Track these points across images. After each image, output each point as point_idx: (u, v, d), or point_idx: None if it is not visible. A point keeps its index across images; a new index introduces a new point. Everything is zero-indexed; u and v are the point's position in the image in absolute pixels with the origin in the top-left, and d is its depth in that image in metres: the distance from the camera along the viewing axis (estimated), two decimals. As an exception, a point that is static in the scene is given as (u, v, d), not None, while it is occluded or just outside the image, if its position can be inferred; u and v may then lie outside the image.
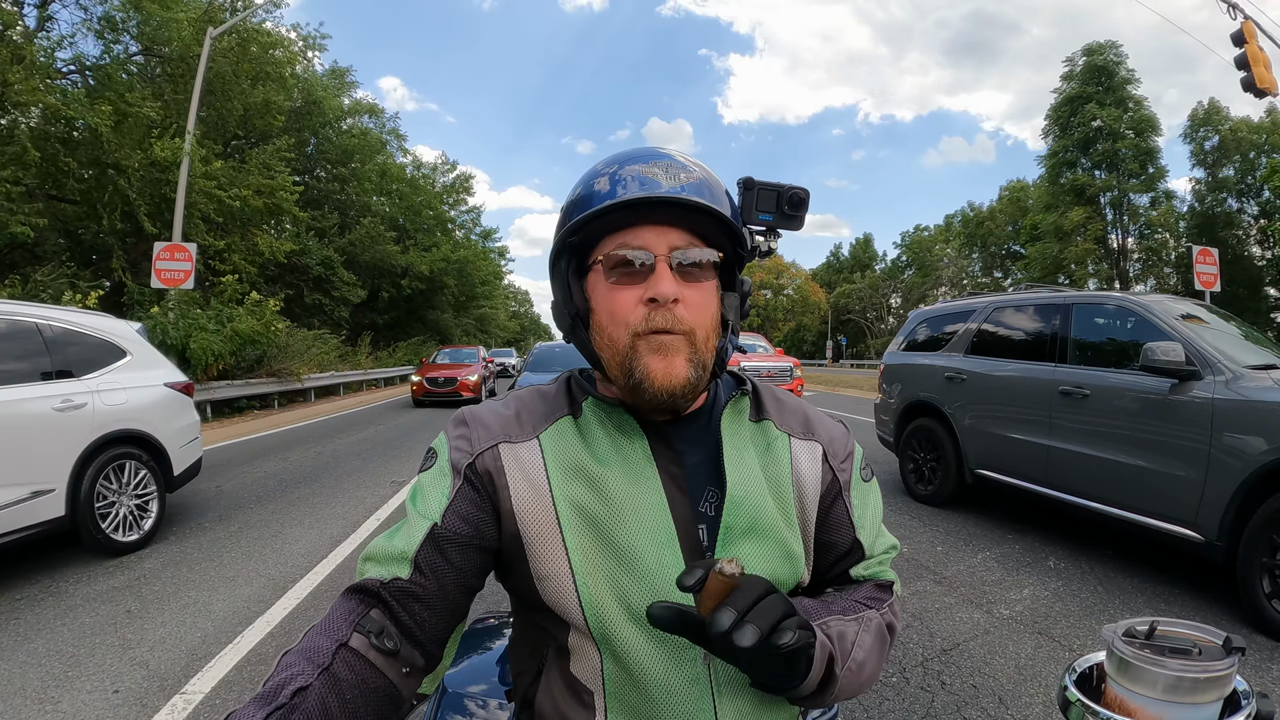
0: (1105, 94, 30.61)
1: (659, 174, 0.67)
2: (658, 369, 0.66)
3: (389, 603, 0.64)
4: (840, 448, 0.79)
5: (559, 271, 0.75)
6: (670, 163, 0.69)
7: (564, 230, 0.71)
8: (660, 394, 0.66)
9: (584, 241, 0.72)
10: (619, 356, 0.68)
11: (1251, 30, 9.04)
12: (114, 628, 2.97)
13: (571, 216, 0.70)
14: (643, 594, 0.65)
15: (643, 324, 0.66)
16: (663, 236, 0.68)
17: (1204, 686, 0.52)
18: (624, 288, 0.68)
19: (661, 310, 0.66)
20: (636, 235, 0.68)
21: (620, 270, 0.68)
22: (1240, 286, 27.68)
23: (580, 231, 0.70)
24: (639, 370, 0.66)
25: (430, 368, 14.87)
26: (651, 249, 0.67)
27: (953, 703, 2.35)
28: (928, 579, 3.64)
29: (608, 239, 0.70)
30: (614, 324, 0.68)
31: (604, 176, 0.69)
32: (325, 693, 0.57)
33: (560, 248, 0.73)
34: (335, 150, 23.14)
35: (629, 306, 0.67)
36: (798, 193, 0.82)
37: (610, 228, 0.69)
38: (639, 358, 0.66)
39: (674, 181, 0.67)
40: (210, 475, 6.44)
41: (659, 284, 0.66)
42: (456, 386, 13.90)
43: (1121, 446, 3.66)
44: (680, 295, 0.67)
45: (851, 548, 0.78)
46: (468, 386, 13.91)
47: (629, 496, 0.68)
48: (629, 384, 0.68)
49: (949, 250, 51.51)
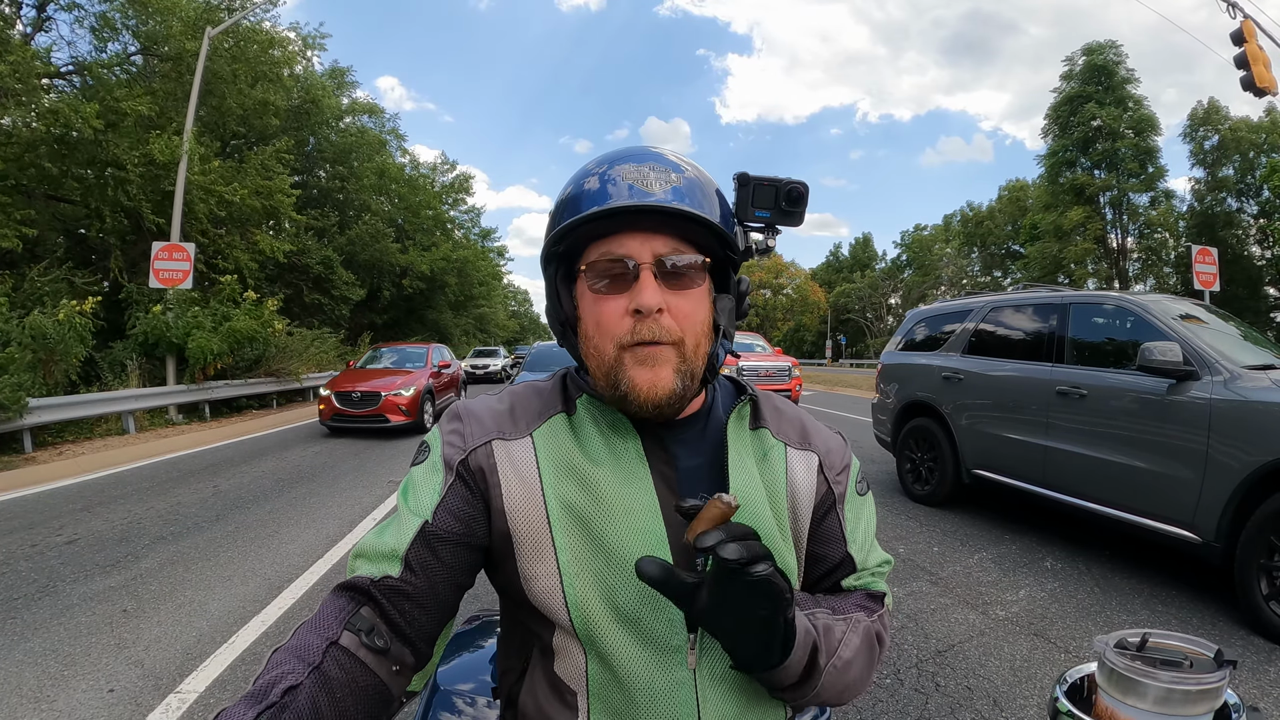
0: (1105, 93, 30.57)
1: (648, 176, 0.66)
2: (643, 381, 0.65)
3: (379, 601, 0.64)
4: (837, 459, 0.79)
5: (549, 276, 0.74)
6: (659, 163, 0.68)
7: (549, 238, 0.71)
8: (645, 405, 0.66)
9: (571, 247, 0.71)
10: (604, 368, 0.68)
11: (1251, 29, 9.03)
12: (110, 627, 2.97)
13: (560, 218, 0.69)
14: (631, 594, 0.64)
15: (628, 336, 0.66)
16: (647, 244, 0.66)
17: (1195, 699, 0.52)
18: (609, 297, 0.67)
19: (647, 321, 0.65)
20: (620, 243, 0.67)
21: (604, 280, 0.67)
22: (1239, 286, 27.67)
23: (565, 239, 0.69)
24: (624, 383, 0.66)
25: (349, 377, 9.94)
26: (636, 256, 0.66)
27: (947, 704, 2.35)
28: (924, 579, 3.64)
29: (593, 246, 0.69)
30: (600, 335, 0.68)
31: (594, 176, 0.68)
32: (316, 691, 0.57)
33: (549, 254, 0.72)
34: (334, 149, 23.12)
35: (615, 317, 0.66)
36: (796, 187, 0.80)
37: (596, 233, 0.68)
38: (624, 370, 0.66)
39: (663, 185, 0.66)
40: (208, 475, 6.44)
41: (642, 294, 0.65)
42: (380, 407, 9.15)
43: (1119, 447, 3.65)
44: (666, 304, 0.66)
45: (841, 561, 0.78)
46: (397, 407, 9.23)
47: (620, 496, 0.67)
48: (614, 395, 0.68)
49: (948, 250, 51.52)
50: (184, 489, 5.81)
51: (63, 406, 8.25)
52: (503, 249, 37.90)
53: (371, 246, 23.05)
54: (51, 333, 8.51)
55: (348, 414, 9.23)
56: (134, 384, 10.58)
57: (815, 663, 0.65)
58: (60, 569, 3.71)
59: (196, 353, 10.84)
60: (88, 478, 6.26)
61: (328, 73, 22.95)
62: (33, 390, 7.83)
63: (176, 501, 5.34)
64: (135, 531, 4.46)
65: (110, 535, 4.37)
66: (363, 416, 9.21)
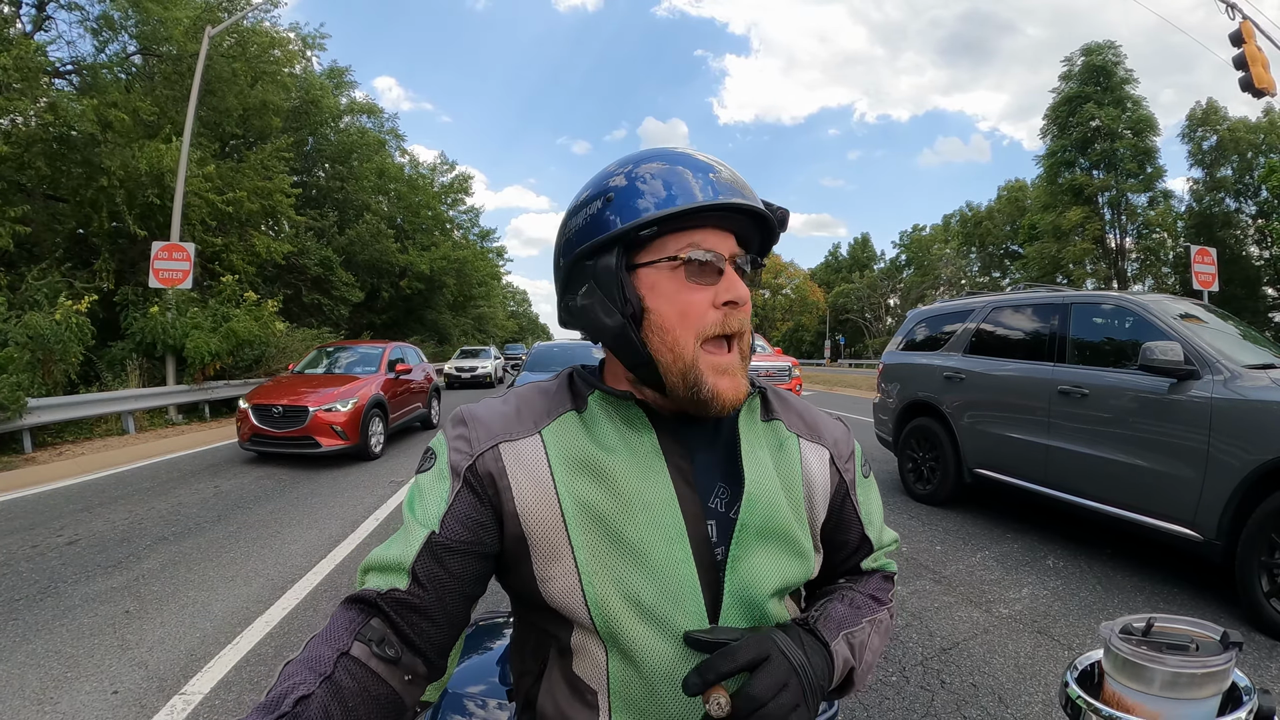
0: (1104, 94, 30.59)
1: (735, 177, 0.70)
2: (727, 389, 0.69)
3: (388, 614, 0.64)
4: (844, 449, 0.82)
5: (606, 267, 0.68)
6: (723, 167, 0.71)
7: (635, 221, 0.67)
8: (726, 410, 0.69)
9: (636, 239, 0.69)
10: (681, 364, 0.68)
11: (1250, 30, 9.04)
12: (113, 628, 2.97)
13: (627, 207, 0.67)
14: (652, 589, 0.65)
15: (716, 326, 0.68)
16: (725, 241, 0.70)
17: (1201, 682, 0.52)
18: (700, 288, 0.68)
19: (737, 313, 0.69)
20: (705, 237, 0.69)
21: (699, 270, 0.69)
22: (1238, 286, 27.68)
23: (650, 227, 0.67)
24: (707, 389, 0.68)
25: (276, 386, 7.67)
26: (721, 252, 0.69)
27: (952, 701, 2.36)
28: (927, 578, 3.65)
29: (670, 238, 0.68)
30: (683, 326, 0.68)
31: (663, 170, 0.68)
32: (328, 701, 0.57)
33: (612, 240, 0.68)
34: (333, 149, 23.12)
35: (702, 308, 0.68)
36: (779, 212, 0.84)
37: (672, 227, 0.68)
38: (702, 378, 0.68)
39: (740, 188, 0.70)
40: (209, 475, 6.43)
41: (736, 286, 0.69)
42: (306, 426, 6.86)
43: (1120, 446, 3.66)
44: None
45: (861, 543, 0.83)
46: (329, 427, 6.90)
47: (637, 491, 0.67)
48: (692, 397, 0.68)
49: (947, 250, 51.53)
50: (185, 489, 5.81)
51: (62, 407, 8.24)
52: (501, 249, 37.87)
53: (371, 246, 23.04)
54: (48, 332, 8.50)
55: (267, 434, 6.93)
56: (134, 384, 10.57)
57: (850, 680, 0.72)
58: (61, 570, 3.70)
59: (194, 353, 10.84)
60: (88, 478, 6.26)
61: (326, 72, 22.96)
62: (32, 390, 7.83)
63: (177, 502, 5.33)
64: (136, 532, 4.46)
65: (111, 536, 4.37)
66: (285, 438, 6.91)
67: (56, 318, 8.82)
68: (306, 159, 22.49)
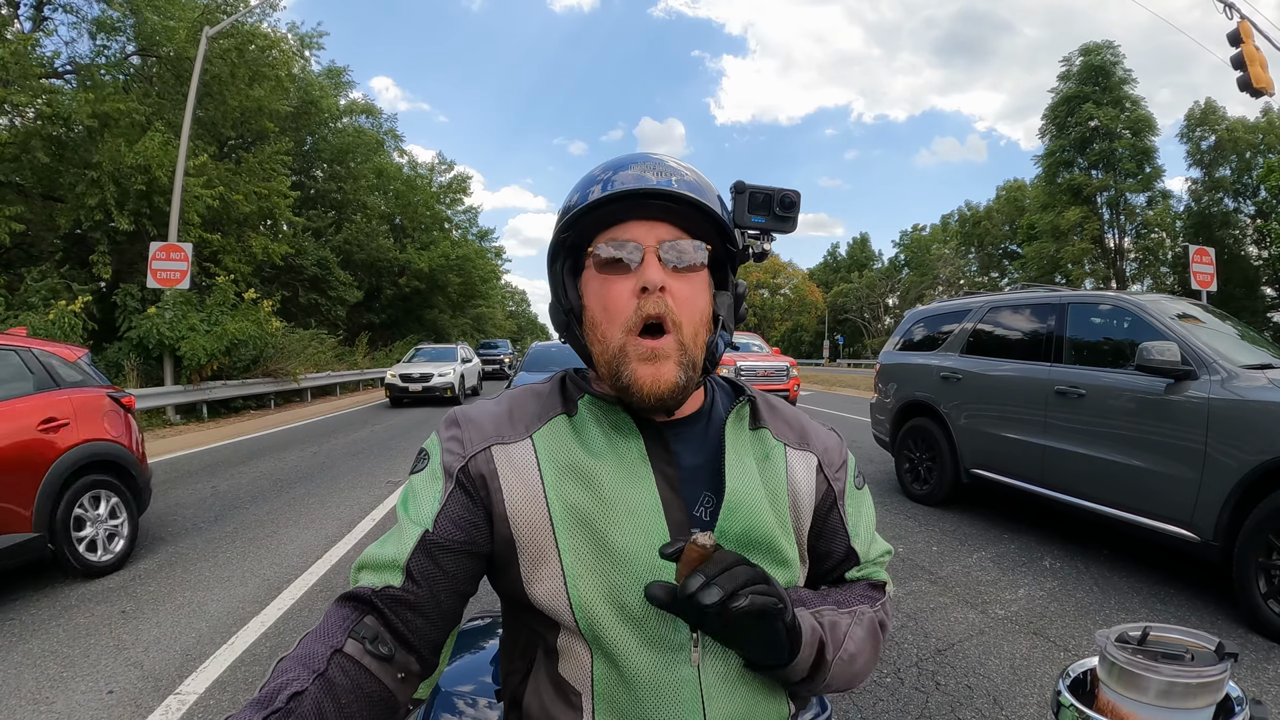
0: (1102, 94, 30.63)
1: (649, 173, 0.70)
2: (646, 375, 0.67)
3: (382, 610, 0.65)
4: (835, 457, 0.82)
5: (555, 271, 0.77)
6: (661, 164, 0.72)
7: (558, 227, 0.74)
8: (649, 399, 0.67)
9: (578, 240, 0.73)
10: (608, 355, 0.69)
11: (1248, 30, 9.05)
12: (109, 628, 2.96)
13: (569, 211, 0.73)
14: (636, 594, 0.65)
15: (634, 316, 0.67)
16: (652, 230, 0.70)
17: (1196, 692, 0.52)
18: (615, 279, 0.69)
19: (651, 298, 0.67)
20: (626, 229, 0.70)
21: (610, 263, 0.69)
22: (1237, 286, 27.74)
23: (573, 228, 0.72)
24: (627, 375, 0.68)
25: None
26: (640, 241, 0.69)
27: (947, 703, 2.35)
28: (923, 579, 3.65)
29: (600, 234, 0.71)
30: (606, 319, 0.70)
31: (598, 182, 0.71)
32: (321, 697, 0.58)
33: (556, 247, 0.75)
34: (331, 149, 23.09)
35: (621, 299, 0.68)
36: (789, 195, 0.84)
37: (602, 224, 0.71)
38: (628, 363, 0.68)
39: (663, 179, 0.70)
40: (206, 476, 6.43)
41: (647, 272, 0.67)
42: None
43: (1117, 446, 3.66)
44: (668, 285, 0.68)
45: (846, 555, 0.81)
46: None
47: (623, 496, 0.68)
48: (617, 386, 0.69)
49: (946, 250, 51.59)
50: (182, 489, 5.80)
51: (60, 407, 8.20)
52: (500, 249, 37.94)
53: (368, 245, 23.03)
54: (43, 333, 8.48)
55: None
56: (131, 384, 10.56)
57: (823, 658, 0.69)
58: (58, 570, 3.69)
59: (190, 354, 10.82)
60: (85, 479, 6.24)
61: (324, 72, 22.92)
62: (30, 391, 7.80)
63: (174, 502, 5.33)
64: (133, 532, 4.44)
65: (108, 536, 4.35)
66: None
67: (50, 318, 8.81)
68: (305, 159, 22.47)
